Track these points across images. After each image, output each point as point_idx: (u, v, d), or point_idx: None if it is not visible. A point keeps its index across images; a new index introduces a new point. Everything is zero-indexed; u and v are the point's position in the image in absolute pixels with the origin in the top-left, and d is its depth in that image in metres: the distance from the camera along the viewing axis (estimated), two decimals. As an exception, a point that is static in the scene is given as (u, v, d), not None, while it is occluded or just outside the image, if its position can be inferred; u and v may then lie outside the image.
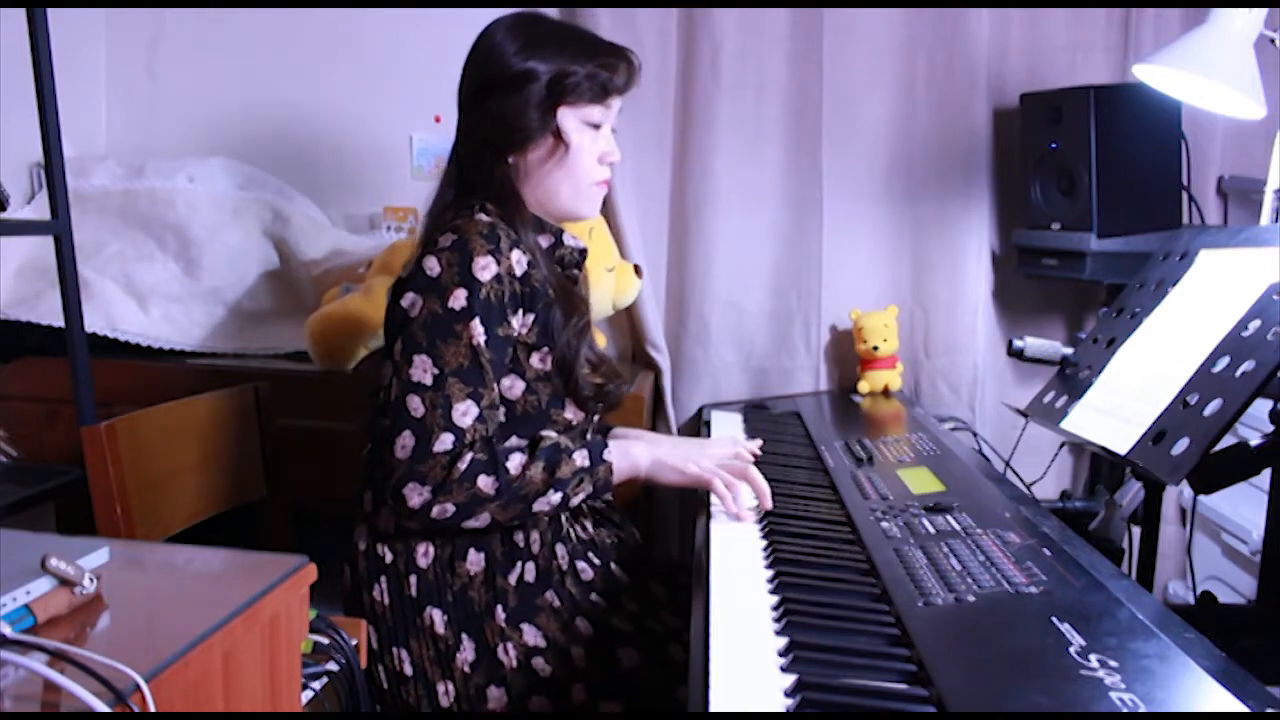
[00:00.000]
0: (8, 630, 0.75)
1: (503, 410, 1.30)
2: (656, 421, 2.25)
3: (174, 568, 1.00)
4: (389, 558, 1.31)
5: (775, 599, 1.03)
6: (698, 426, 2.15)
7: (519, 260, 1.28)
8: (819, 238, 2.22)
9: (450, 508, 1.22)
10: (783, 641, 0.92)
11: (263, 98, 2.42)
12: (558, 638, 1.30)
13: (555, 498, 1.26)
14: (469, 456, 1.21)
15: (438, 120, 2.37)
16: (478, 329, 1.24)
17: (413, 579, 1.30)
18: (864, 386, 2.18)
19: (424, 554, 1.30)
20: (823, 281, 2.24)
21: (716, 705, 0.80)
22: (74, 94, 2.17)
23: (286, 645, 0.93)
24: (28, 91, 1.68)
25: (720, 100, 2.18)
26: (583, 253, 1.45)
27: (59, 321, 1.79)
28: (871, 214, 2.24)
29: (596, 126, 1.37)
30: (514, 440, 1.30)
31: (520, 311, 1.29)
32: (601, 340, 2.25)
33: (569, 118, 1.35)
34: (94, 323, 2.00)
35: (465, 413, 1.22)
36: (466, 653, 1.28)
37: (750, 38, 2.17)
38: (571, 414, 1.36)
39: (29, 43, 1.66)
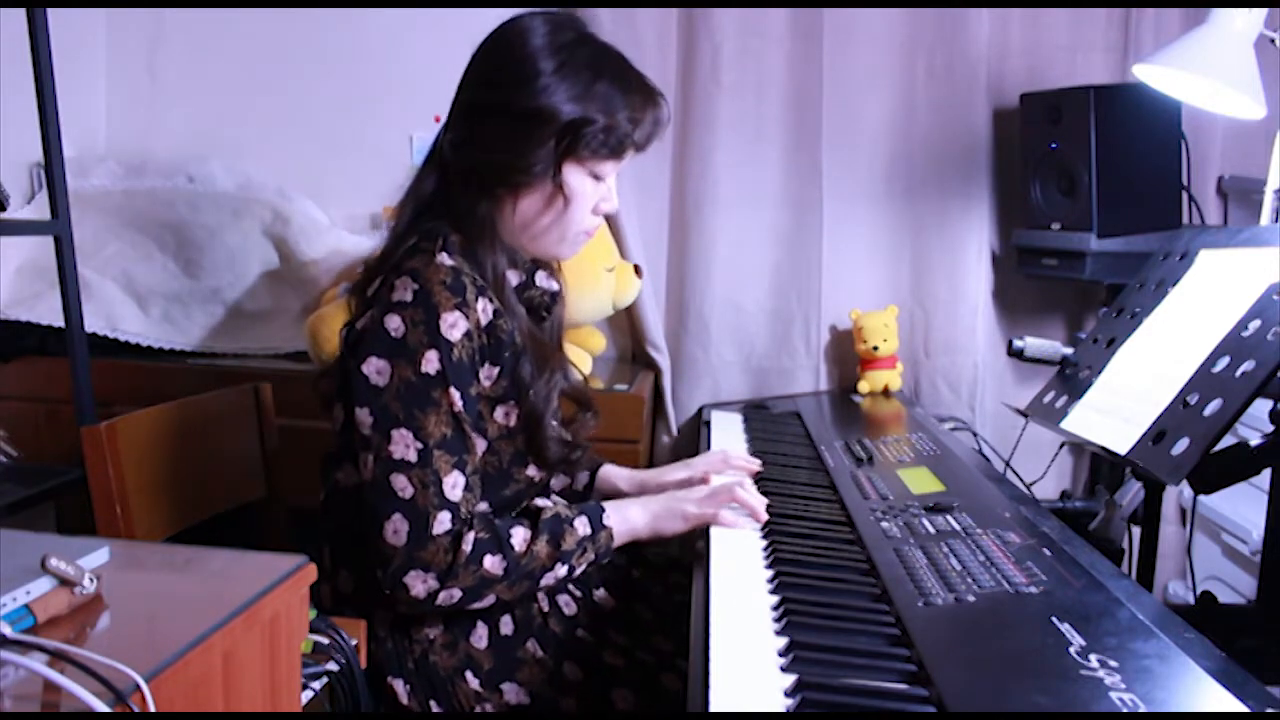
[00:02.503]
0: (8, 630, 0.75)
1: None
2: (656, 421, 2.26)
3: (174, 568, 1.00)
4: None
5: (775, 599, 1.03)
6: (698, 426, 2.15)
7: (484, 309, 1.18)
8: (819, 237, 2.22)
9: (457, 593, 1.13)
10: (783, 641, 0.92)
11: (263, 97, 2.42)
12: (544, 691, 1.21)
13: (561, 571, 1.19)
14: (471, 536, 1.12)
15: (438, 120, 2.35)
16: (455, 394, 1.14)
17: (370, 645, 1.20)
18: (864, 386, 2.18)
19: (380, 620, 1.21)
20: (823, 281, 2.24)
21: (716, 705, 0.80)
22: (74, 94, 2.17)
23: (286, 645, 0.93)
24: (28, 91, 1.68)
25: (720, 100, 2.18)
26: (554, 295, 1.35)
27: (59, 321, 1.79)
28: (871, 214, 2.25)
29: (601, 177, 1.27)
30: (486, 510, 1.22)
31: (486, 364, 1.19)
32: (601, 342, 2.25)
33: (575, 169, 1.23)
34: (94, 323, 1.99)
35: (454, 485, 1.13)
36: None
37: (750, 38, 2.17)
38: (534, 472, 1.29)
39: (29, 42, 1.66)
